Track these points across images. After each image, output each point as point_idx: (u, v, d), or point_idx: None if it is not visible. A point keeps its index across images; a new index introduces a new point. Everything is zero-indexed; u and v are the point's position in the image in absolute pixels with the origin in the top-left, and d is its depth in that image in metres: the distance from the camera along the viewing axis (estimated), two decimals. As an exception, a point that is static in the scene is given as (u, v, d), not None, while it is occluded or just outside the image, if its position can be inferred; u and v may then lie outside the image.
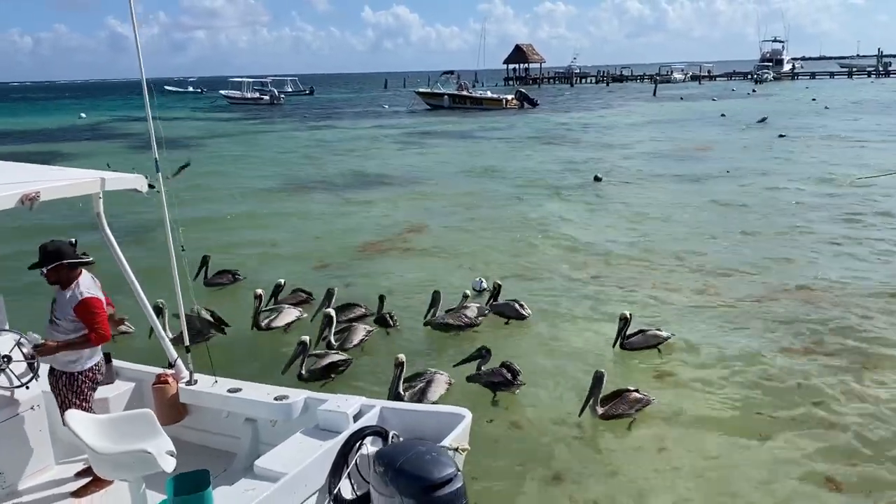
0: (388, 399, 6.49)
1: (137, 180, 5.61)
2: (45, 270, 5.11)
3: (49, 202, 4.96)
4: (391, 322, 9.61)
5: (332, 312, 9.03)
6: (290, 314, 9.74)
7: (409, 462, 3.62)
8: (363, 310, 9.90)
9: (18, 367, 5.19)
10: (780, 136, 30.90)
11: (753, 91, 73.31)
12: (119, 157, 28.83)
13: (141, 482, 4.61)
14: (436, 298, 9.75)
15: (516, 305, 9.78)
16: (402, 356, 7.35)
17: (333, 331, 8.88)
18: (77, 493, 5.16)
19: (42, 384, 5.38)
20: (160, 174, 5.64)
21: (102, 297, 5.25)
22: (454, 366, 8.03)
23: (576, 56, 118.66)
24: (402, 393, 7.26)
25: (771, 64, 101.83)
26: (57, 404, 5.24)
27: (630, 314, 8.64)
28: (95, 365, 5.30)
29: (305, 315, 9.90)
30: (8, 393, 5.15)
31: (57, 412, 5.22)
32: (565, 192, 19.91)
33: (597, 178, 21.58)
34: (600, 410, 6.94)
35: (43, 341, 5.13)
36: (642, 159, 26.14)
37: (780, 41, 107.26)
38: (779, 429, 6.89)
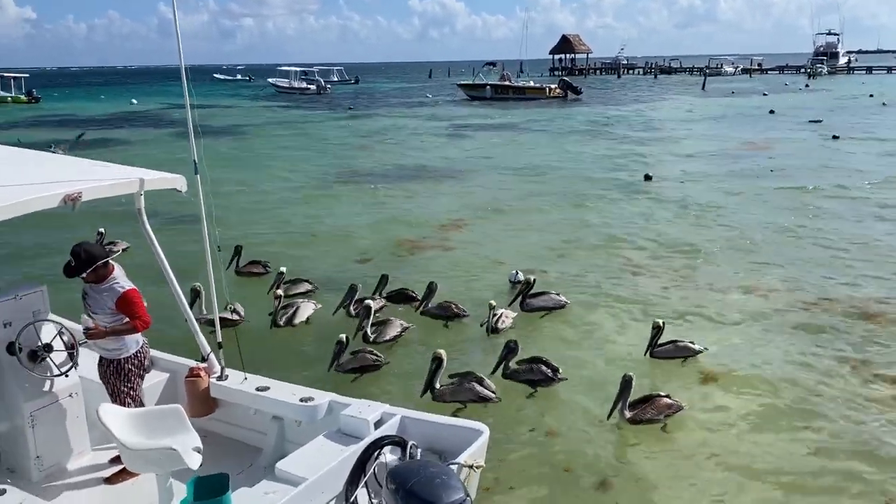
0: (423, 393, 6.50)
1: (177, 180, 5.77)
2: (83, 277, 5.28)
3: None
4: (456, 310, 9.85)
5: (372, 304, 9.19)
6: (307, 309, 9.78)
7: (419, 484, 3.66)
8: (383, 301, 10.09)
9: (58, 356, 5.40)
10: (834, 136, 29.63)
11: (807, 86, 71.34)
12: (166, 145, 29.36)
13: (168, 476, 4.77)
14: (432, 289, 10.05)
15: (552, 294, 10.07)
16: (442, 352, 7.42)
17: (370, 323, 9.03)
18: (110, 480, 5.36)
19: (81, 372, 5.59)
20: (199, 176, 5.78)
21: (136, 288, 5.42)
22: (490, 374, 7.98)
23: (623, 47, 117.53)
24: (437, 387, 7.31)
25: (825, 57, 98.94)
26: (107, 392, 5.43)
27: (663, 322, 8.43)
28: (139, 351, 5.50)
29: (320, 306, 9.95)
30: (48, 380, 5.35)
31: (94, 399, 5.39)
32: (616, 191, 19.42)
33: (647, 177, 20.91)
34: (628, 414, 6.92)
35: (93, 325, 5.32)
36: (692, 158, 25.51)
37: (836, 34, 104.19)
38: (828, 443, 6.72)
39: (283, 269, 10.94)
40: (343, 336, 8.28)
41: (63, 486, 5.32)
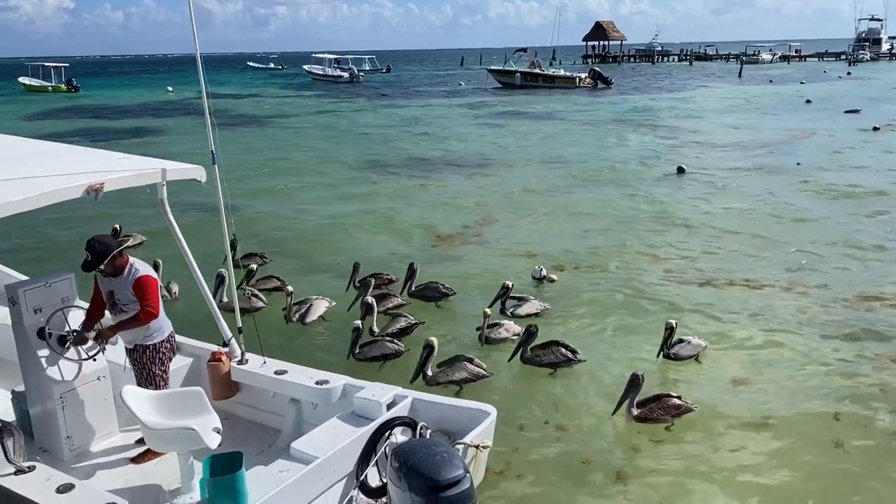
0: (413, 379, 6.65)
1: (197, 171, 5.98)
2: (101, 269, 5.42)
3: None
4: (444, 290, 10.03)
5: (372, 301, 9.19)
6: (320, 306, 9.70)
7: (420, 461, 3.80)
8: (398, 300, 9.97)
9: (87, 340, 5.64)
10: (875, 128, 28.52)
11: (848, 73, 69.70)
12: (200, 135, 29.80)
13: (189, 455, 4.99)
14: (413, 270, 10.25)
15: (533, 300, 9.79)
16: (433, 339, 7.55)
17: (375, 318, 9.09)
18: (136, 459, 5.59)
19: (109, 356, 5.80)
20: (216, 166, 5.96)
21: (155, 276, 5.58)
22: (509, 360, 8.14)
23: (657, 33, 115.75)
24: (428, 373, 7.45)
25: (867, 43, 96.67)
26: (141, 377, 5.60)
27: (676, 322, 8.21)
28: (171, 335, 5.72)
29: (334, 303, 9.86)
30: (77, 364, 5.58)
31: (121, 383, 5.57)
32: (646, 184, 19.09)
33: (680, 170, 20.42)
34: (636, 412, 6.88)
35: (99, 329, 5.53)
36: (727, 150, 24.94)
37: (878, 19, 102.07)
38: (856, 436, 6.66)
39: (254, 266, 10.93)
40: (358, 322, 8.41)
41: (92, 465, 5.56)
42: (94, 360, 5.67)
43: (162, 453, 5.46)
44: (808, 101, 41.16)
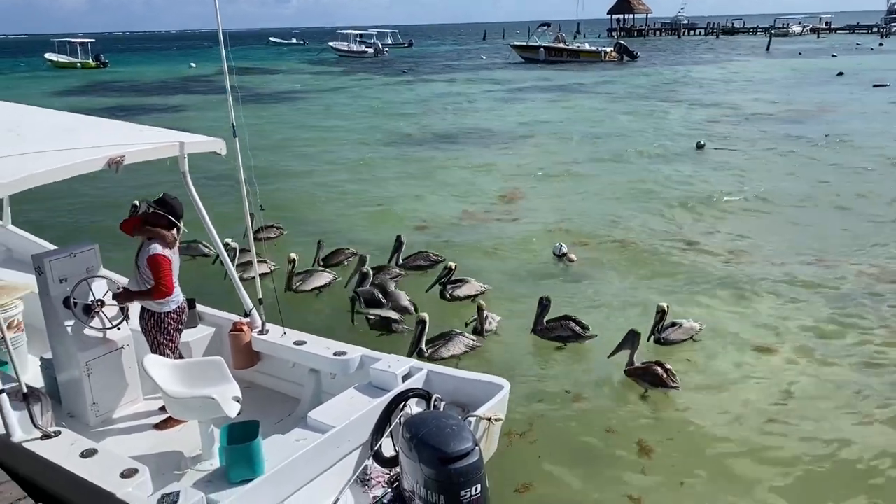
0: (408, 355, 6.76)
1: (216, 143, 6.05)
2: (149, 209, 5.59)
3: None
4: (434, 258, 10.16)
5: (369, 271, 9.30)
6: (321, 277, 9.76)
7: (431, 433, 3.89)
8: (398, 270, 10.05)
9: (111, 310, 5.76)
10: None
11: (880, 45, 68.12)
12: (222, 110, 29.86)
13: (209, 423, 5.10)
14: (400, 241, 10.35)
15: (473, 282, 9.51)
16: (425, 315, 7.59)
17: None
18: (158, 426, 5.73)
19: (133, 325, 5.93)
20: (237, 139, 6.01)
21: (173, 258, 5.66)
22: (532, 332, 8.18)
23: (683, 6, 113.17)
24: (425, 350, 7.51)
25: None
26: (148, 344, 5.76)
27: (668, 306, 8.00)
28: (179, 307, 5.79)
29: (339, 279, 9.87)
30: (101, 333, 5.71)
31: (145, 352, 5.73)
32: (661, 160, 18.97)
33: (699, 146, 20.25)
34: (626, 367, 7.06)
35: (122, 289, 5.69)
36: (750, 123, 24.59)
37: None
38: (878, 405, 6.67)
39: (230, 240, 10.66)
40: (354, 292, 8.59)
41: (116, 431, 5.71)
42: (119, 328, 5.80)
43: (183, 420, 5.59)
44: (841, 74, 40.34)
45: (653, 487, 5.62)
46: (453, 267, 9.41)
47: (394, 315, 8.42)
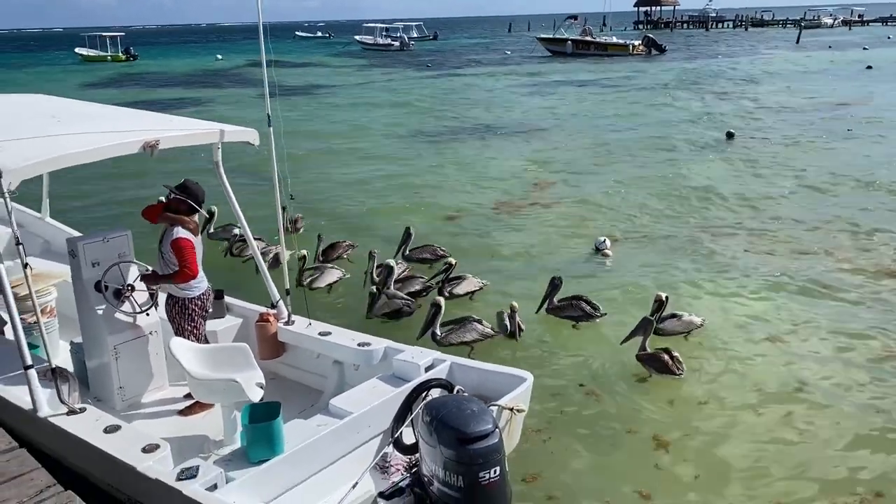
0: (417, 338, 6.80)
1: (250, 133, 6.17)
2: (170, 195, 5.73)
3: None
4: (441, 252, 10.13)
5: (393, 263, 9.24)
6: (332, 274, 9.72)
7: (451, 415, 3.90)
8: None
9: (140, 295, 5.89)
10: None
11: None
12: (248, 104, 30.01)
13: (233, 407, 5.20)
14: (409, 234, 10.30)
15: (472, 278, 9.35)
16: (440, 299, 7.66)
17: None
18: (183, 412, 5.84)
19: (161, 313, 6.06)
20: (272, 129, 6.10)
21: (196, 242, 5.77)
22: (536, 312, 8.33)
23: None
24: (438, 333, 7.56)
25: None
26: (173, 329, 5.88)
27: (666, 296, 7.90)
28: (203, 294, 5.90)
29: (349, 275, 9.83)
30: (131, 318, 5.84)
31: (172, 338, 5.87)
32: (692, 150, 18.90)
33: (729, 135, 20.27)
34: (638, 351, 7.21)
35: (149, 271, 5.83)
36: (780, 115, 24.43)
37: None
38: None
39: (237, 231, 10.67)
40: (374, 288, 8.68)
41: (142, 415, 5.84)
42: (147, 314, 5.91)
43: (208, 406, 5.71)
44: (869, 67, 39.69)
45: (665, 480, 5.64)
46: (453, 263, 9.27)
47: (400, 303, 8.52)
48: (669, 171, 16.65)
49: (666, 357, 7.00)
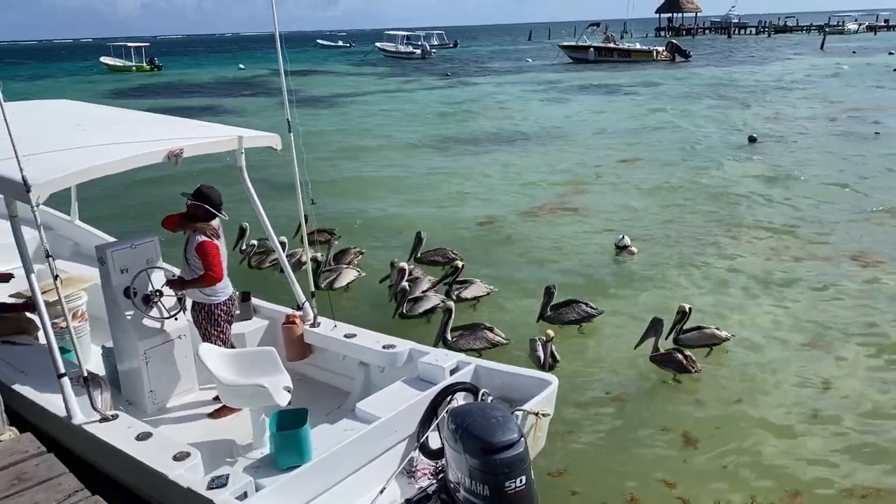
0: (434, 344, 6.79)
1: (272, 139, 6.22)
2: (189, 201, 5.77)
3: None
4: (452, 255, 10.22)
5: (406, 266, 9.32)
6: (349, 274, 9.82)
7: (475, 423, 3.87)
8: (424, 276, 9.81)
9: (169, 300, 5.96)
10: None
11: (940, 43, 65.83)
12: (270, 112, 30.25)
13: (261, 411, 5.24)
14: (420, 238, 10.47)
15: (480, 283, 9.34)
16: (451, 304, 7.68)
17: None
18: (212, 415, 5.90)
19: (189, 317, 6.11)
20: (292, 134, 6.16)
21: (220, 246, 5.82)
22: (537, 321, 8.36)
23: (734, 4, 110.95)
24: (448, 337, 7.55)
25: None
26: (199, 335, 5.94)
27: (690, 308, 7.78)
28: (229, 299, 5.95)
29: (364, 274, 9.95)
30: (159, 323, 5.91)
31: (200, 342, 5.92)
32: (716, 156, 18.78)
33: (751, 139, 20.31)
34: (651, 352, 7.32)
35: (175, 276, 5.90)
36: (804, 119, 24.27)
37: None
38: None
39: (254, 242, 10.84)
40: (405, 284, 8.73)
41: (171, 418, 5.91)
42: (176, 319, 5.98)
43: (236, 410, 5.75)
44: (896, 70, 39.26)
45: (692, 472, 5.67)
46: (460, 266, 9.27)
47: (434, 303, 8.59)
48: (694, 176, 16.57)
49: (680, 356, 7.14)
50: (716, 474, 5.67)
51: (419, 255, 10.48)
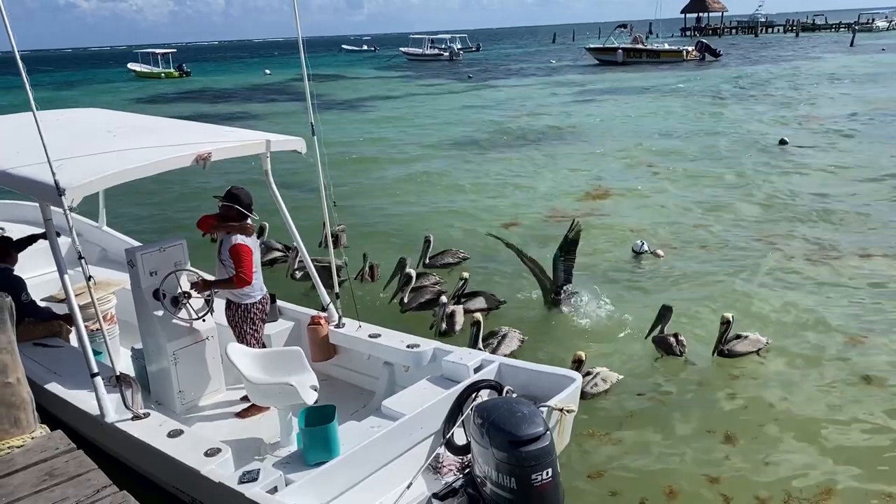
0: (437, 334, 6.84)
1: (298, 142, 6.31)
2: (219, 204, 5.89)
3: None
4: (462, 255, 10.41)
5: (412, 273, 9.21)
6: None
7: (502, 417, 3.95)
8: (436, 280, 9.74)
9: (196, 302, 6.05)
10: None
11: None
12: (294, 117, 30.39)
13: (288, 410, 5.31)
14: (428, 242, 10.43)
15: (489, 294, 9.17)
16: (479, 315, 7.51)
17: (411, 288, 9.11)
18: (240, 414, 5.98)
19: (217, 318, 6.21)
20: (316, 137, 6.23)
21: (254, 249, 5.91)
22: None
23: (761, 3, 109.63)
24: (483, 349, 7.44)
25: None
26: (234, 335, 6.02)
27: (732, 316, 7.56)
28: (263, 298, 6.06)
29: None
30: (188, 324, 6.01)
31: (227, 343, 6.01)
32: (745, 157, 18.49)
33: (782, 142, 19.82)
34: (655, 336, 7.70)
35: (198, 280, 6.00)
36: (833, 120, 23.80)
37: None
38: None
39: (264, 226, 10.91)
40: (412, 271, 8.89)
41: (200, 417, 6.00)
42: (203, 320, 6.07)
43: (265, 409, 5.83)
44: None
45: (735, 468, 5.65)
46: (467, 277, 9.04)
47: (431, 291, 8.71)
48: (725, 176, 16.43)
49: (671, 339, 7.57)
50: (754, 471, 5.65)
51: (428, 260, 10.35)
